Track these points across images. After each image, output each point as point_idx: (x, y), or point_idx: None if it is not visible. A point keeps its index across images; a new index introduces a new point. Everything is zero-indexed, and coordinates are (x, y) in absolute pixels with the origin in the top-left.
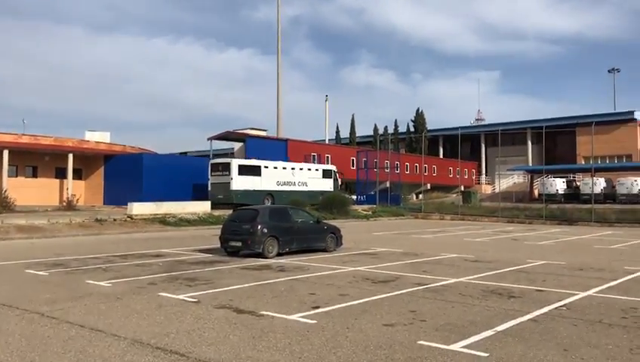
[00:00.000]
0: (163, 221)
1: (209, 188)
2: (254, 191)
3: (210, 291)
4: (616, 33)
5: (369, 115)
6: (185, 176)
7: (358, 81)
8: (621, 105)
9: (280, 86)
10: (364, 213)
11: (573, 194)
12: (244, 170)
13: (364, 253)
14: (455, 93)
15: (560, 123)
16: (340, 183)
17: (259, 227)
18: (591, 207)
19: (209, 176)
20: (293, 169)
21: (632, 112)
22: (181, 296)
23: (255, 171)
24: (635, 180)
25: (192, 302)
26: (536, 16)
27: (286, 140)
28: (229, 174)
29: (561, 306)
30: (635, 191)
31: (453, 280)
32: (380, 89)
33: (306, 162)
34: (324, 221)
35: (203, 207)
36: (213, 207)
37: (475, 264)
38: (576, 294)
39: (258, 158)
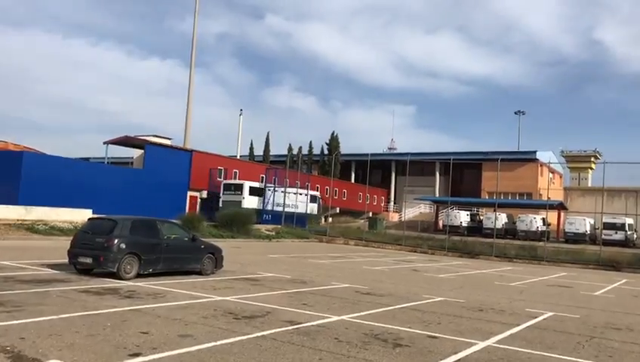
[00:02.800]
0: (31, 228)
1: (220, 205)
2: (259, 209)
3: (7, 323)
4: (523, 80)
5: (289, 137)
6: (75, 181)
7: (280, 103)
8: (525, 146)
9: (191, 96)
10: (267, 233)
11: (476, 228)
12: (252, 191)
13: (245, 278)
14: (372, 123)
15: (467, 157)
16: (321, 207)
17: (115, 241)
18: (492, 241)
19: (221, 194)
20: (288, 193)
21: (534, 152)
22: None
23: (260, 193)
24: (534, 217)
25: None
26: (451, 58)
27: (191, 151)
28: (241, 194)
29: None
30: (533, 228)
31: (334, 319)
32: (301, 112)
33: (211, 176)
34: (202, 239)
35: (82, 215)
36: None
37: (366, 297)
38: (475, 344)
39: (158, 167)
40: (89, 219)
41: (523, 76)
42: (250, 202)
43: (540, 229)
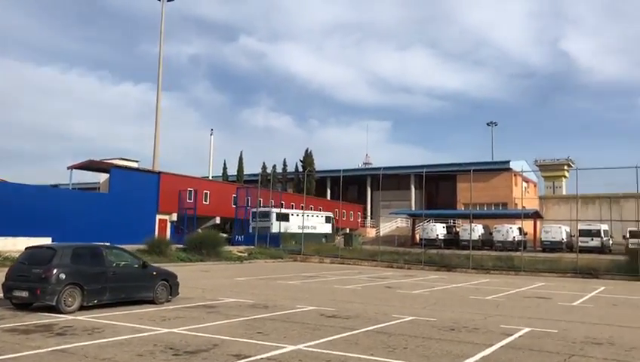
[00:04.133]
0: None
1: (250, 231)
2: (285, 233)
3: None
4: (495, 92)
5: (266, 156)
6: (36, 208)
7: (256, 123)
8: (499, 157)
9: (158, 118)
10: (239, 254)
11: (453, 240)
12: (279, 218)
13: (203, 305)
14: (348, 140)
15: (442, 169)
16: (334, 227)
17: (54, 272)
18: (469, 253)
19: (251, 221)
20: (307, 216)
21: (507, 162)
22: None
23: (286, 218)
24: (510, 227)
25: None
26: (424, 74)
27: (158, 173)
28: (269, 220)
29: None
30: (510, 238)
31: (288, 349)
32: (278, 132)
33: (181, 198)
34: (155, 265)
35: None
36: None
37: (330, 321)
38: None
39: (124, 190)
40: (26, 249)
41: (494, 89)
42: (277, 227)
43: (516, 239)
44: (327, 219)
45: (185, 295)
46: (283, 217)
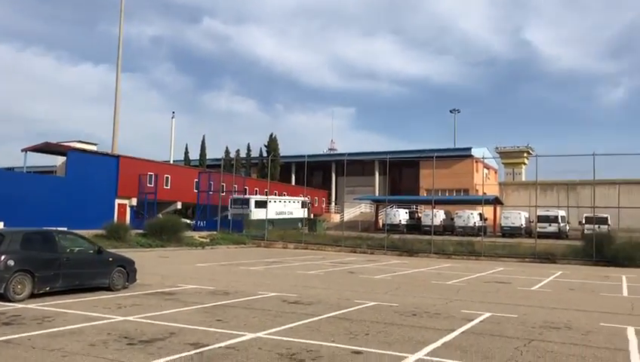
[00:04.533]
0: None
1: (229, 217)
2: (263, 220)
3: None
4: (458, 79)
5: (230, 141)
6: None
7: (220, 107)
8: (461, 144)
9: (118, 100)
10: (201, 240)
11: (415, 225)
12: (257, 205)
13: (161, 291)
14: (314, 125)
15: (405, 155)
16: (310, 212)
17: (2, 258)
18: (431, 238)
19: (229, 208)
20: (284, 202)
21: (469, 149)
22: None
23: (264, 205)
24: (471, 213)
25: None
26: (388, 60)
27: (118, 156)
28: (248, 207)
29: None
30: (470, 223)
31: (248, 337)
32: (242, 116)
33: (141, 182)
34: (111, 251)
35: None
36: None
37: (292, 307)
38: (404, 358)
39: (82, 174)
40: None
41: (457, 76)
42: (257, 214)
43: (477, 225)
44: (303, 204)
45: (143, 281)
46: (261, 204)
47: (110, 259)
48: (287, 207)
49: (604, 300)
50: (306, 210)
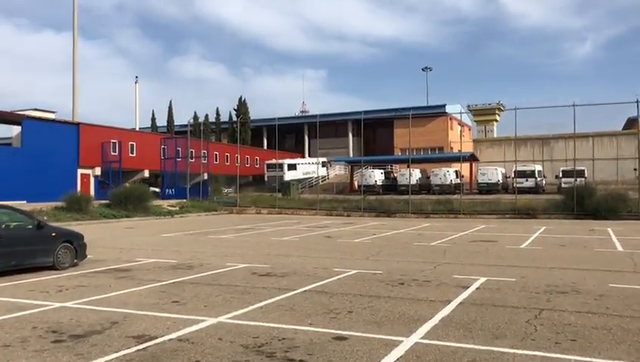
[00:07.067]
0: None
1: (265, 180)
2: (294, 180)
3: None
4: (427, 39)
5: (198, 107)
6: None
7: (188, 73)
8: (434, 103)
9: (76, 65)
10: (170, 208)
11: (391, 186)
12: (289, 168)
13: (115, 268)
14: (285, 89)
15: (379, 115)
16: (328, 170)
17: None
18: (408, 198)
19: (266, 172)
20: (309, 163)
21: (443, 106)
22: None
23: (294, 167)
24: (448, 171)
25: None
26: (357, 20)
27: (77, 124)
28: (282, 170)
29: None
30: (447, 181)
31: (207, 323)
32: (211, 81)
33: (104, 150)
34: (54, 226)
35: None
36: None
37: (262, 281)
38: (399, 343)
39: (39, 144)
40: None
41: (427, 35)
42: (289, 175)
43: (453, 182)
44: (324, 164)
45: (97, 257)
46: (292, 167)
47: (54, 235)
48: (311, 168)
49: (602, 256)
50: (326, 168)
